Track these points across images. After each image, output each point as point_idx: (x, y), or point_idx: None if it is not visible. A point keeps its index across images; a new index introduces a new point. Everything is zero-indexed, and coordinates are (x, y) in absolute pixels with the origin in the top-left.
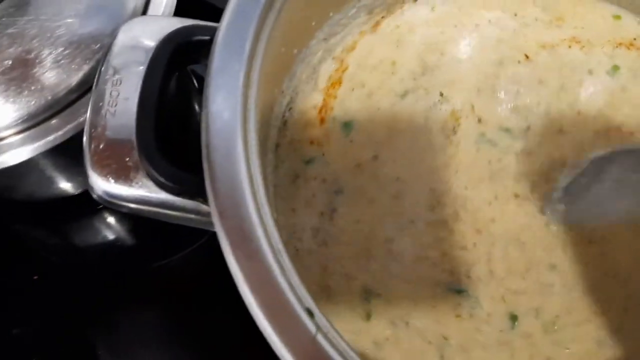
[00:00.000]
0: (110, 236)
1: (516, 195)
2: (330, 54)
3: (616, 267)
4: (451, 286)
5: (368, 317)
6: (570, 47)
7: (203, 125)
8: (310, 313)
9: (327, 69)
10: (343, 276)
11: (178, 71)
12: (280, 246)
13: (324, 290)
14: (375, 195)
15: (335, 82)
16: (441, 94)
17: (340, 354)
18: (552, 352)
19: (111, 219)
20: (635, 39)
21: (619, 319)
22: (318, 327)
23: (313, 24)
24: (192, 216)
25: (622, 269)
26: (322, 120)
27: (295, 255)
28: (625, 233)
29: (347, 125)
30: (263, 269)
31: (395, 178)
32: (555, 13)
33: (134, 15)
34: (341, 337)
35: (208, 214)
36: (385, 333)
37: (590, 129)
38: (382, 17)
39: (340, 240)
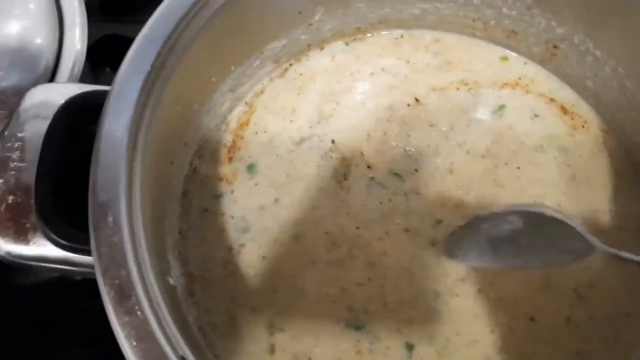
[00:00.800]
0: (38, 278)
1: (406, 230)
2: (241, 100)
3: (502, 294)
4: (350, 323)
5: (272, 350)
6: (458, 89)
7: (90, 193)
8: None
9: (238, 112)
10: (249, 309)
11: (81, 134)
12: (159, 299)
13: (231, 320)
14: (278, 236)
15: (244, 123)
16: (332, 142)
17: None
18: None
19: None
20: (520, 78)
21: (504, 339)
22: None
23: (213, 79)
24: (88, 270)
25: (508, 295)
26: (230, 159)
27: (206, 283)
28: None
29: (251, 168)
30: (141, 323)
31: (294, 221)
32: (446, 58)
33: (44, 74)
34: None
35: None
36: None
37: (479, 167)
38: (290, 65)
39: (248, 273)
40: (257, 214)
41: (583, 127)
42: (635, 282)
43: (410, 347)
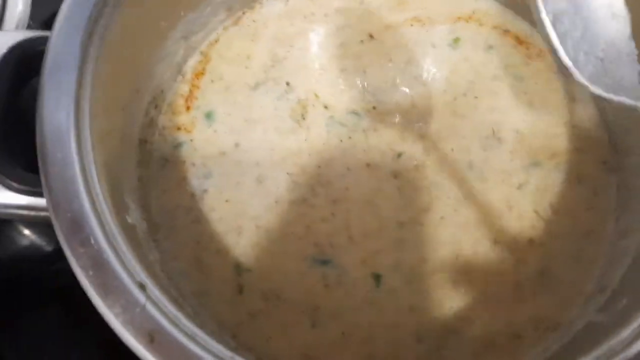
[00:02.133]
0: (6, 242)
1: (367, 165)
2: (196, 49)
3: (465, 220)
4: (317, 257)
5: (240, 290)
6: (412, 25)
7: (37, 129)
8: (142, 286)
9: (193, 62)
10: (215, 251)
11: (28, 80)
12: (115, 231)
13: (197, 264)
14: (240, 180)
15: (199, 73)
16: (287, 84)
17: (170, 320)
18: (414, 300)
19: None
20: (473, 12)
21: (469, 263)
22: (148, 297)
23: (162, 23)
24: (44, 213)
25: (471, 221)
26: (188, 108)
27: (171, 232)
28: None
29: (209, 116)
30: (95, 253)
31: (255, 163)
32: None
33: None
34: (183, 306)
35: None
36: (259, 305)
37: (438, 99)
38: (243, 13)
39: (211, 217)
40: (218, 159)
41: (538, 55)
42: (595, 200)
43: (377, 277)
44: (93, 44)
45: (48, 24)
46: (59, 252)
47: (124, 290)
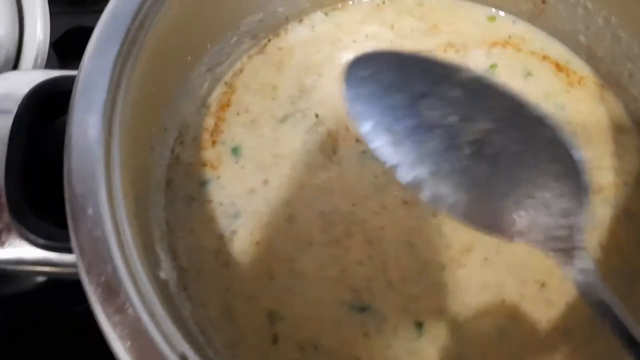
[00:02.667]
0: (25, 283)
1: (405, 202)
2: (220, 81)
3: (510, 260)
4: (354, 304)
5: (275, 340)
6: (445, 51)
7: (65, 180)
8: (184, 358)
9: (217, 93)
10: (246, 298)
11: (51, 123)
12: (151, 294)
13: (228, 313)
14: (270, 219)
15: (224, 105)
16: (316, 116)
17: None
18: (459, 348)
19: None
20: (509, 37)
21: (515, 307)
22: None
23: (189, 58)
24: (71, 270)
25: (517, 261)
26: (213, 143)
27: (199, 277)
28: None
29: (236, 151)
30: (133, 321)
31: (286, 202)
32: (431, 22)
33: (5, 67)
34: None
35: None
36: (294, 356)
37: None
38: (269, 40)
39: (242, 261)
40: (246, 198)
41: (579, 83)
42: None
43: (419, 325)
44: (121, 86)
45: (60, 46)
46: (78, 292)
47: None
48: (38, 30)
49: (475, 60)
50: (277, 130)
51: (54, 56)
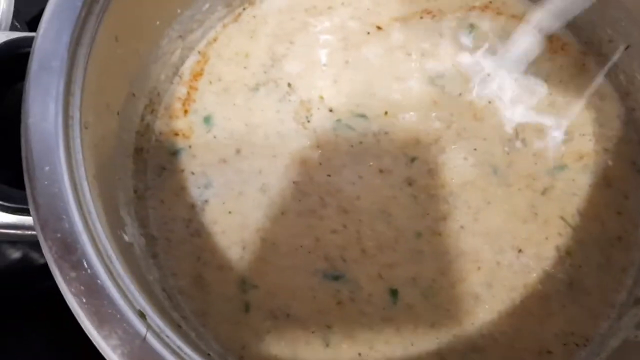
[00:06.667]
0: None
1: (381, 171)
2: (193, 49)
3: (487, 228)
4: (328, 272)
5: (247, 308)
6: (422, 17)
7: (22, 139)
8: (142, 315)
9: (191, 62)
10: (217, 267)
11: (12, 85)
12: (110, 252)
13: (198, 282)
14: (243, 189)
15: (197, 74)
16: (289, 85)
17: (173, 351)
18: (434, 316)
19: None
20: (490, 1)
21: (492, 274)
22: (149, 327)
23: (157, 22)
24: (32, 232)
25: (493, 229)
26: (185, 112)
27: (169, 246)
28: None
29: (208, 120)
30: (89, 277)
31: (258, 171)
32: None
33: None
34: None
35: None
36: (266, 324)
37: (458, 99)
38: (244, 9)
39: (213, 230)
40: (218, 167)
41: (562, 49)
42: (625, 204)
43: (394, 292)
44: (82, 45)
45: (34, 25)
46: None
47: (121, 320)
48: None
49: (452, 24)
50: (250, 99)
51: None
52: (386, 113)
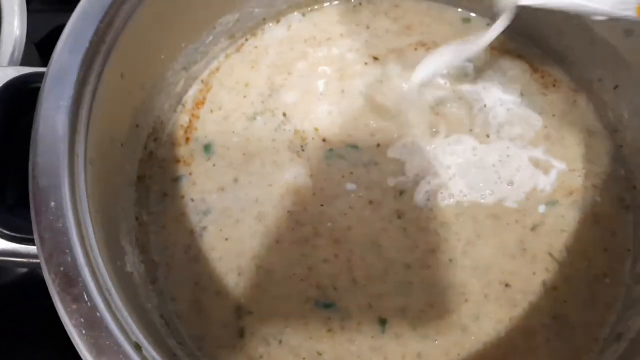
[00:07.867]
0: (5, 277)
1: (371, 202)
2: (197, 79)
3: (475, 262)
4: (320, 301)
5: (242, 334)
6: (416, 49)
7: (30, 174)
8: (138, 347)
9: (194, 91)
10: (215, 293)
11: (22, 118)
12: (110, 285)
13: (196, 306)
14: (240, 217)
15: (200, 102)
16: (284, 115)
17: None
18: (422, 347)
19: None
20: None
21: (479, 307)
22: (144, 359)
23: (162, 57)
24: (36, 261)
25: (482, 263)
26: (187, 140)
27: (169, 271)
28: (490, 225)
29: (208, 149)
30: (89, 310)
31: (255, 200)
32: (406, 23)
33: None
34: None
35: None
36: (259, 351)
37: None
38: (246, 40)
39: (211, 257)
40: (217, 195)
41: (554, 85)
42: (612, 241)
43: (383, 322)
44: (89, 84)
45: (42, 47)
46: None
47: (118, 352)
48: (15, 26)
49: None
50: (248, 129)
51: (36, 54)
52: (378, 145)
